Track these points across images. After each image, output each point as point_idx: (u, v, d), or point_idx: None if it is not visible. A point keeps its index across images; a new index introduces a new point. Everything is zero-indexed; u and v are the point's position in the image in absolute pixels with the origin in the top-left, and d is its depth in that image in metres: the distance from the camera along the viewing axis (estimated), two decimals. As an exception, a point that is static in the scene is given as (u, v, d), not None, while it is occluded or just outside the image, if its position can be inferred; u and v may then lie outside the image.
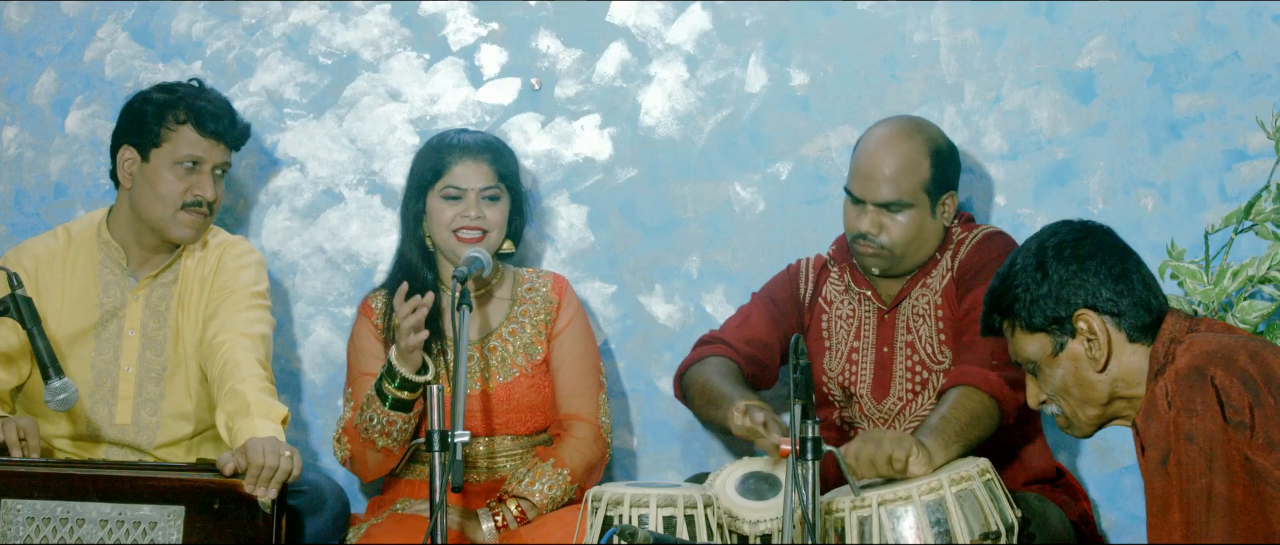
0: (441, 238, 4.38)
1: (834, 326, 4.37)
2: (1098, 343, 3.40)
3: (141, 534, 3.83)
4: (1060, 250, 3.44)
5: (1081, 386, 3.45)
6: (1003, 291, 3.50)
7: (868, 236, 4.22)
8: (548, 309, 4.46)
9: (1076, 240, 3.45)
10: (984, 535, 3.70)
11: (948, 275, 4.27)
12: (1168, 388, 3.26)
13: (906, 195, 4.19)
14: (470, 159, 4.40)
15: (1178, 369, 3.28)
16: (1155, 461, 3.25)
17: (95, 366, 4.35)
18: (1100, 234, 3.48)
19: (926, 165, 4.21)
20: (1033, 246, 3.49)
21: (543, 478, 4.27)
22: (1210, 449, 3.18)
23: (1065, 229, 3.49)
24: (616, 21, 4.83)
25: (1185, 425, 3.21)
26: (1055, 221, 3.54)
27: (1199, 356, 3.27)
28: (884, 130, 4.26)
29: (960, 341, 4.14)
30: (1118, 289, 3.41)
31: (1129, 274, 3.42)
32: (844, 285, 4.38)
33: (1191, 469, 3.19)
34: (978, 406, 3.98)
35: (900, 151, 4.20)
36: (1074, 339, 3.43)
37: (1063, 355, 3.45)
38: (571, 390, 4.42)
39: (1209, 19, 4.58)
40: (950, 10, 4.69)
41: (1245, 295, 4.32)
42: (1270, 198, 4.35)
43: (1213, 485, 3.17)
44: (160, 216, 4.34)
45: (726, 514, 3.84)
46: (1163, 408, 3.26)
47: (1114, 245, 3.46)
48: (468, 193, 4.37)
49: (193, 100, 4.35)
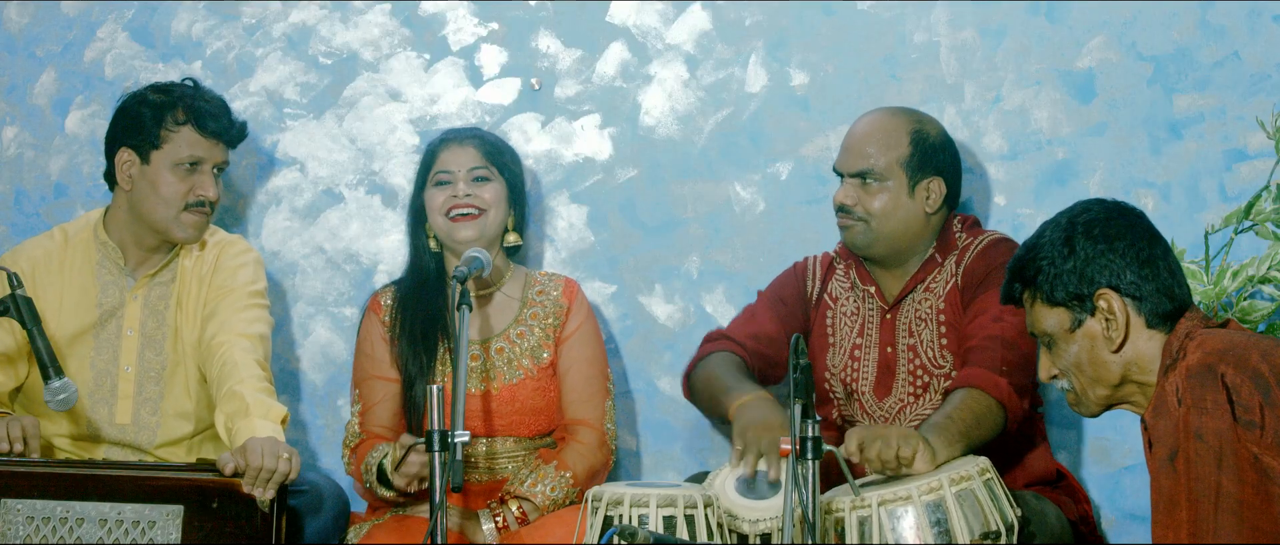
0: (439, 225, 4.39)
1: (838, 323, 4.38)
2: (1115, 323, 3.39)
3: (140, 533, 3.83)
4: (1090, 228, 3.42)
5: (1094, 365, 3.44)
6: (1027, 261, 3.48)
7: (845, 208, 4.27)
8: (558, 313, 4.46)
9: (1107, 219, 3.43)
10: (984, 535, 3.70)
11: (951, 280, 4.27)
12: (1178, 384, 3.25)
13: (880, 167, 4.23)
14: (455, 143, 4.44)
15: (1189, 366, 3.26)
16: (1163, 458, 3.24)
17: (94, 366, 4.34)
18: (1132, 216, 3.46)
19: (905, 142, 4.25)
20: (1063, 220, 3.47)
21: (545, 479, 4.27)
22: (1219, 447, 3.17)
23: (1098, 207, 3.47)
24: (616, 21, 4.83)
25: (1195, 423, 3.20)
26: (1088, 198, 3.52)
27: (1210, 354, 3.26)
28: (874, 112, 4.36)
29: (969, 345, 4.14)
30: (1142, 273, 3.39)
31: (1155, 260, 3.41)
32: (849, 282, 4.39)
33: (1200, 467, 3.18)
34: (983, 410, 3.99)
35: (881, 127, 4.28)
36: (1093, 317, 3.41)
37: (1079, 332, 3.43)
38: (578, 395, 4.42)
39: (1209, 19, 4.58)
40: (950, 10, 4.69)
41: (1245, 295, 4.32)
42: (1270, 198, 4.34)
43: (1221, 484, 3.16)
44: (163, 218, 4.34)
45: (726, 513, 3.84)
46: (1173, 404, 3.25)
47: (1144, 229, 3.44)
48: (455, 174, 4.38)
49: (191, 100, 4.35)
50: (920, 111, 4.38)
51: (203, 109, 4.34)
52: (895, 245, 4.28)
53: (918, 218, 4.28)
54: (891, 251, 4.29)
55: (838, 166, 4.32)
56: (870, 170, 4.24)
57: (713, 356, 4.34)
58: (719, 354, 4.34)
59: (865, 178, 4.24)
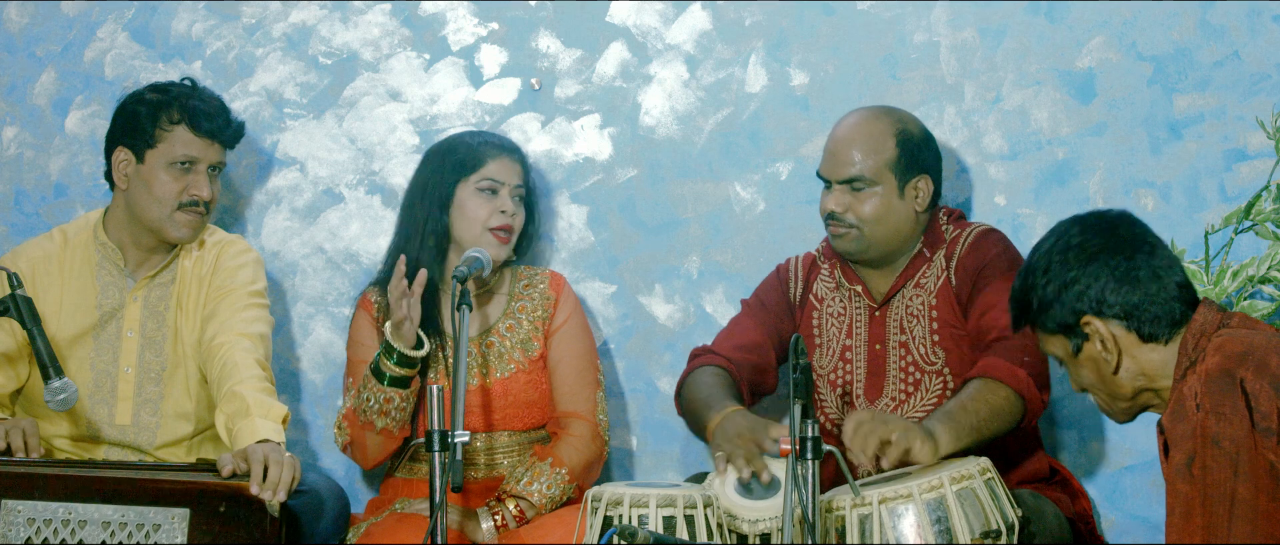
0: (471, 233, 4.37)
1: (825, 324, 4.37)
2: (1108, 345, 3.39)
3: (145, 536, 3.79)
4: (1066, 253, 3.41)
5: (1105, 383, 3.44)
6: (1022, 293, 3.48)
7: (836, 216, 4.24)
8: (546, 305, 4.46)
9: (1081, 242, 3.41)
10: (985, 534, 3.70)
11: (943, 275, 4.27)
12: (1197, 390, 3.23)
13: (869, 172, 4.21)
14: (506, 156, 4.43)
15: (1208, 370, 3.24)
16: (1180, 464, 3.22)
17: (94, 367, 4.34)
18: (1110, 230, 3.43)
19: (891, 144, 4.23)
20: (1045, 246, 3.46)
21: (541, 477, 4.27)
22: (1236, 454, 3.15)
23: (1076, 229, 3.44)
24: (616, 21, 4.83)
25: (1213, 429, 3.18)
26: (1073, 216, 3.49)
27: (1230, 358, 3.24)
28: (852, 115, 4.32)
29: (988, 339, 4.11)
30: (1122, 291, 3.37)
31: (1135, 271, 3.38)
32: (835, 282, 4.38)
33: (1217, 473, 3.17)
34: (1001, 401, 3.97)
35: (865, 131, 4.25)
36: (1088, 342, 3.41)
37: (1082, 356, 3.43)
38: (569, 388, 4.42)
39: (1209, 19, 4.58)
40: (950, 10, 4.69)
41: (1245, 295, 4.32)
42: (1270, 198, 4.35)
43: (1237, 491, 3.15)
44: (157, 217, 4.34)
45: (726, 513, 3.84)
46: (1191, 409, 3.23)
47: (1125, 239, 3.41)
48: (503, 188, 4.39)
49: (186, 100, 4.35)
50: (898, 109, 4.36)
51: (197, 108, 4.34)
52: (888, 248, 4.27)
53: (909, 218, 4.27)
54: (883, 254, 4.29)
55: (824, 173, 4.28)
56: (859, 176, 4.21)
57: (696, 373, 4.30)
58: (703, 369, 4.29)
59: (853, 183, 4.22)
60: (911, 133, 4.26)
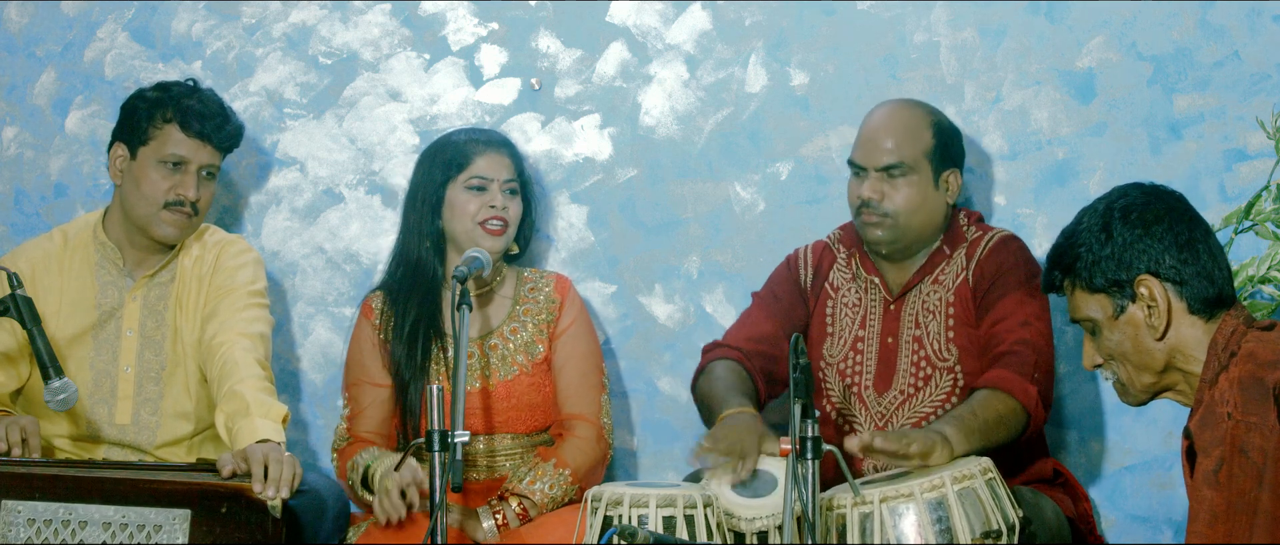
0: (464, 230, 4.38)
1: (838, 313, 4.37)
2: (1157, 310, 3.34)
3: (146, 537, 3.78)
4: (1127, 212, 3.37)
5: (1139, 352, 3.39)
6: (1066, 249, 3.43)
7: (871, 204, 4.23)
8: (550, 309, 4.46)
9: (1145, 204, 3.38)
10: (985, 534, 3.70)
11: (962, 274, 4.27)
12: (1228, 397, 3.21)
13: (908, 159, 4.21)
14: (494, 151, 4.43)
15: (1240, 377, 3.22)
16: (1208, 471, 3.20)
17: (94, 367, 4.34)
18: (1171, 199, 3.41)
19: (928, 134, 4.24)
20: (1100, 207, 3.41)
21: (544, 477, 4.27)
22: (1263, 463, 3.14)
23: (1135, 191, 3.42)
24: (616, 21, 4.83)
25: (1242, 438, 3.16)
26: (1126, 183, 3.47)
27: (1263, 365, 3.21)
28: (887, 104, 4.34)
29: (999, 350, 4.11)
30: (1182, 257, 3.34)
31: (1195, 243, 3.35)
32: (851, 272, 4.38)
33: (1242, 482, 3.15)
34: (1007, 412, 4.00)
35: (903, 118, 4.26)
36: (1134, 303, 3.36)
37: (1122, 319, 3.38)
38: (573, 391, 4.43)
39: (1209, 19, 4.58)
40: (950, 10, 4.70)
41: (1245, 295, 4.32)
42: (1270, 198, 4.35)
43: (1259, 500, 3.13)
44: (144, 214, 4.35)
45: (724, 512, 3.84)
46: (1222, 416, 3.20)
47: (1183, 212, 3.39)
48: (492, 183, 4.39)
49: (181, 100, 4.35)
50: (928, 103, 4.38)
51: (190, 109, 4.34)
52: (917, 238, 4.27)
53: (940, 210, 4.28)
54: (911, 245, 4.28)
55: (858, 160, 4.26)
56: (898, 163, 4.21)
57: (710, 367, 4.30)
58: (719, 362, 4.30)
59: (891, 171, 4.22)
60: (945, 124, 4.30)
